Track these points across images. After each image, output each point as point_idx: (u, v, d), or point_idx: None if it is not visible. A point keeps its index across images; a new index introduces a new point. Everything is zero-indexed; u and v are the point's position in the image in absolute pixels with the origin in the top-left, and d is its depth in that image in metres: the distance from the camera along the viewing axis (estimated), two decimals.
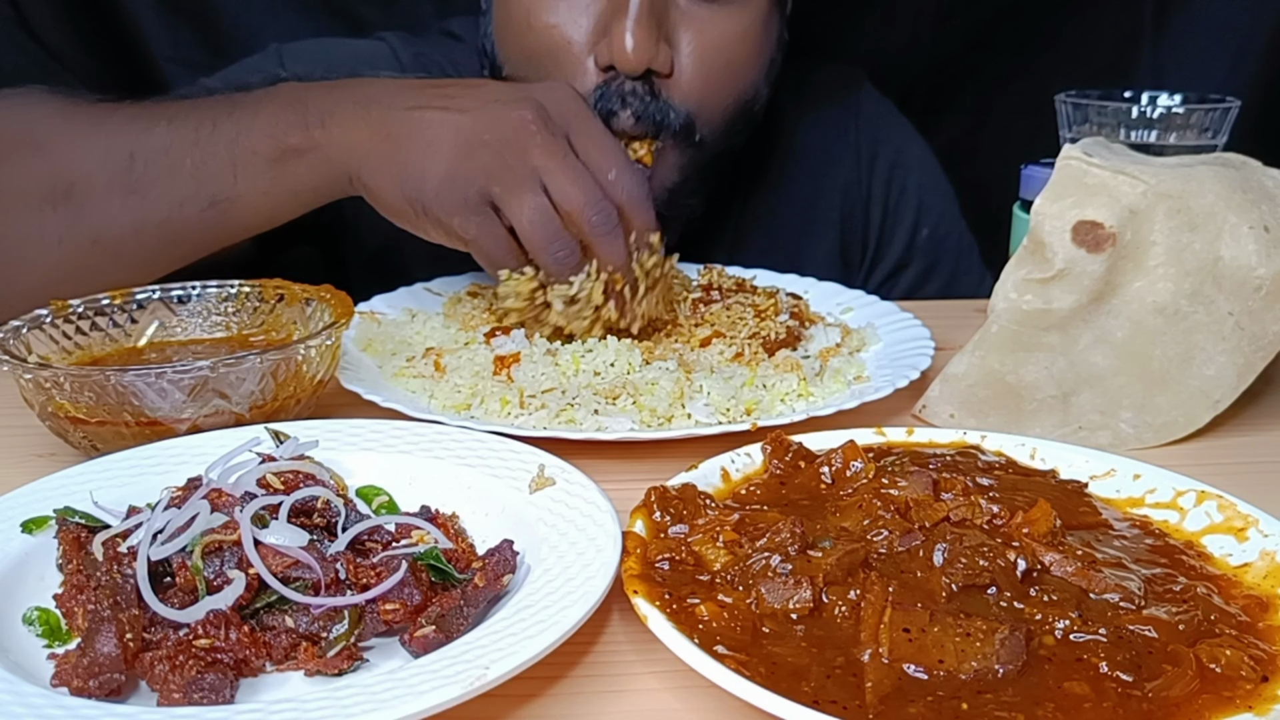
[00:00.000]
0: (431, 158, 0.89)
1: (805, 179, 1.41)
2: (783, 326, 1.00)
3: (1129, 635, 0.56)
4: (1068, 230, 0.84)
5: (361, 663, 0.57)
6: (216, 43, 1.49)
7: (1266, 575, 0.62)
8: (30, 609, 0.60)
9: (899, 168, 1.45)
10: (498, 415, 0.86)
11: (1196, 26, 1.60)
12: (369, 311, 1.08)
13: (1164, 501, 0.70)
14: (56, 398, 0.76)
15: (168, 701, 0.53)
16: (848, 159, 1.43)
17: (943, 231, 1.47)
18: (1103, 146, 0.91)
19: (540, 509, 0.67)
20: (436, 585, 0.61)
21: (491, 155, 0.89)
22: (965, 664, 0.53)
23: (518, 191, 0.88)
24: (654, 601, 0.57)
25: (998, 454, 0.77)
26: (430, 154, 0.89)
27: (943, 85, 1.68)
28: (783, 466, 0.74)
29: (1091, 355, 0.87)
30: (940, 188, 1.48)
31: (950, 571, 0.59)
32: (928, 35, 1.67)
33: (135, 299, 0.90)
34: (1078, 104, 1.08)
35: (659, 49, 1.07)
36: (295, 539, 0.60)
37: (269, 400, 0.80)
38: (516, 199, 0.88)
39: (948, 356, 0.92)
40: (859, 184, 1.43)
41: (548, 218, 0.89)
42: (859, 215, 1.43)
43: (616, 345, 0.94)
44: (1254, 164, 0.91)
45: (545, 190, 0.89)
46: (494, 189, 0.89)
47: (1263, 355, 0.86)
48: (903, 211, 1.45)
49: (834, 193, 1.42)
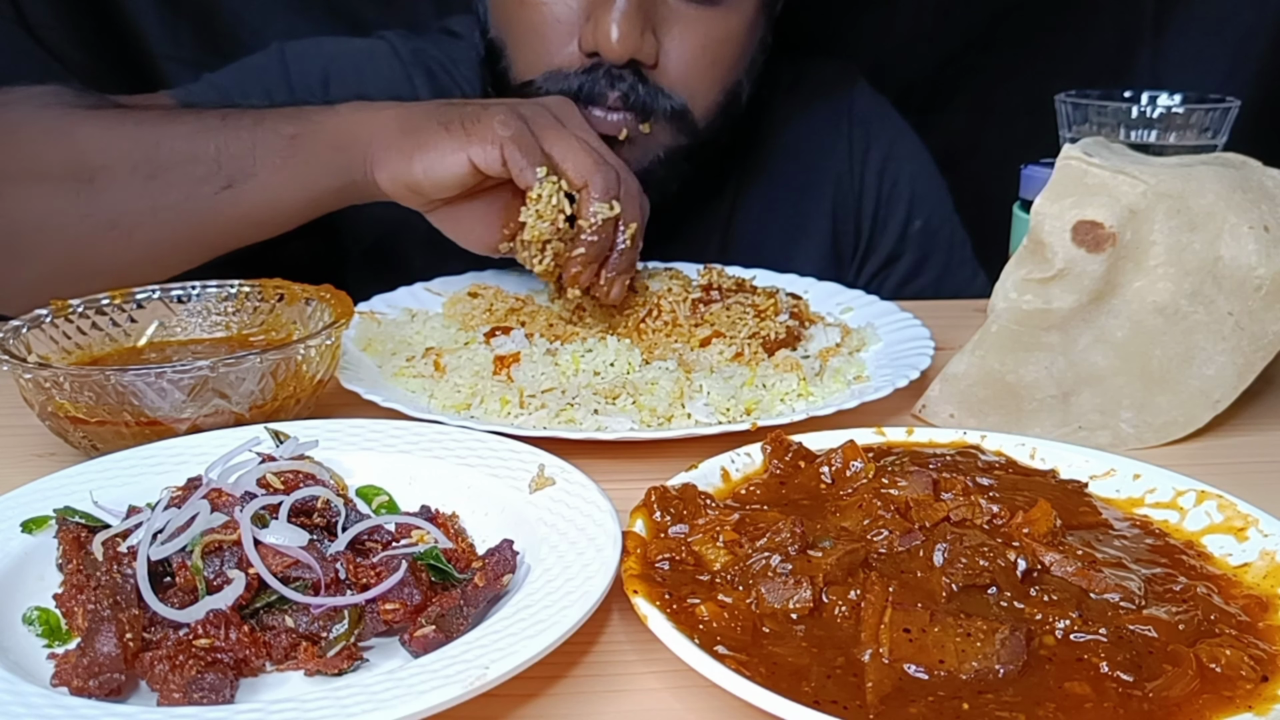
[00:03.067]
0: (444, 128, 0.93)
1: (798, 171, 1.43)
2: (782, 326, 1.00)
3: (1129, 635, 0.56)
4: (1068, 230, 0.84)
5: (361, 662, 0.57)
6: (216, 42, 1.49)
7: (1266, 575, 0.62)
8: (30, 609, 0.60)
9: (892, 160, 1.47)
10: (498, 415, 0.86)
11: (1196, 26, 1.60)
12: (369, 311, 1.08)
13: (1164, 501, 0.70)
14: (56, 397, 0.76)
15: (168, 701, 0.53)
16: (840, 151, 1.45)
17: (935, 224, 1.49)
18: (1103, 146, 0.91)
19: (540, 509, 0.67)
20: (436, 585, 0.61)
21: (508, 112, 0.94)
22: (966, 664, 0.53)
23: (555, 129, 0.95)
24: (654, 601, 0.57)
25: (998, 454, 0.77)
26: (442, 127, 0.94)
27: (942, 84, 1.68)
28: (783, 466, 0.74)
29: (1091, 355, 0.87)
30: (933, 181, 1.50)
31: (950, 571, 0.59)
32: (927, 34, 1.67)
33: (135, 299, 0.90)
34: (1078, 104, 1.08)
35: (644, 40, 1.09)
36: (295, 539, 0.60)
37: (269, 400, 0.79)
38: (555, 131, 0.95)
39: (948, 356, 0.92)
40: (851, 176, 1.45)
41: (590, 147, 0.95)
42: (851, 207, 1.46)
43: (616, 345, 0.94)
44: (1254, 164, 0.91)
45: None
46: (523, 110, 0.95)
47: (1263, 355, 0.86)
48: (895, 203, 1.47)
49: (826, 184, 1.44)
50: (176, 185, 0.98)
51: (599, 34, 1.08)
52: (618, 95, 1.11)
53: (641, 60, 1.10)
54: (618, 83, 1.10)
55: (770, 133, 1.40)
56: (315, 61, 1.30)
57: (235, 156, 0.96)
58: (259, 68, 1.28)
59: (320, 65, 1.29)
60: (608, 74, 1.10)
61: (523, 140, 0.92)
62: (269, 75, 1.27)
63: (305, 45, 1.31)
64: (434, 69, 1.34)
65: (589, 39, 1.09)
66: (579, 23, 1.10)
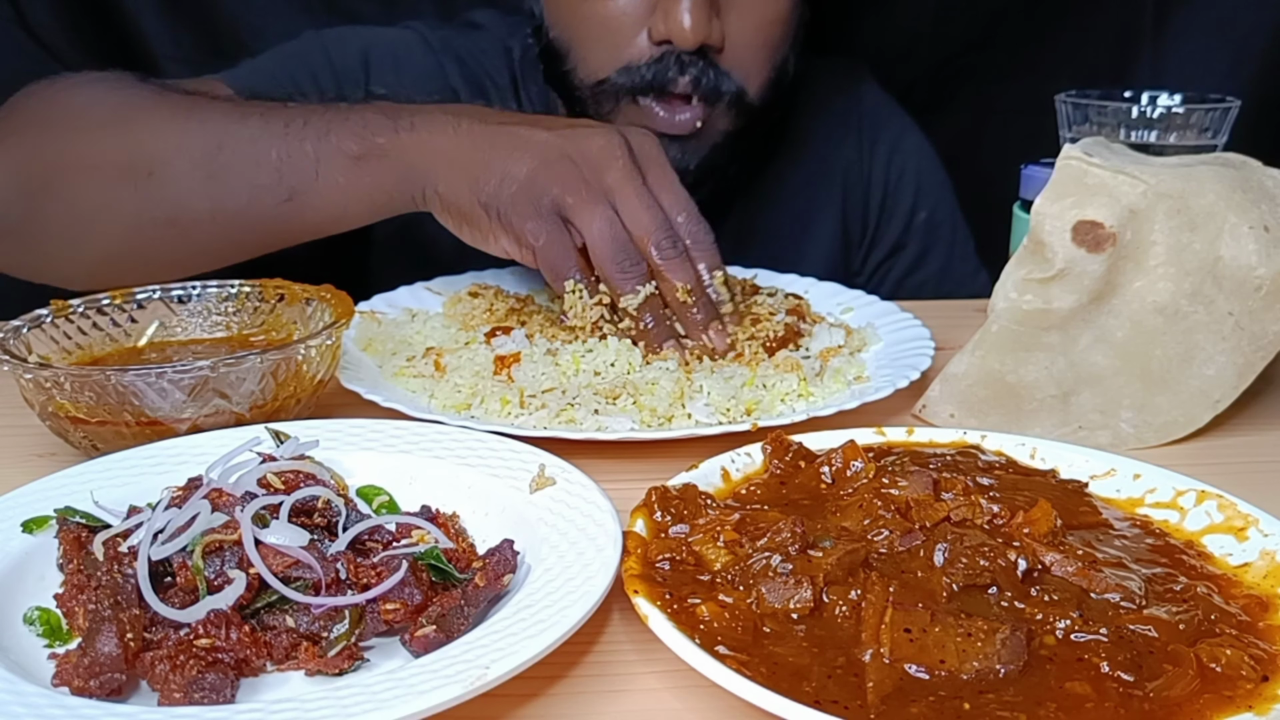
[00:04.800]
0: (513, 163, 0.92)
1: (810, 158, 1.46)
2: (782, 326, 1.00)
3: (1130, 635, 0.56)
4: (1068, 230, 0.84)
5: (362, 662, 0.57)
6: (216, 42, 1.49)
7: (1266, 575, 0.62)
8: (31, 609, 0.60)
9: (898, 153, 1.50)
10: (498, 415, 0.86)
11: (1196, 26, 1.61)
12: (369, 311, 1.08)
13: (1164, 501, 0.70)
14: (57, 397, 0.76)
15: (168, 701, 0.53)
16: (850, 141, 1.48)
17: (939, 218, 1.52)
18: (1103, 146, 0.91)
19: (540, 509, 0.67)
20: (437, 585, 0.61)
21: (570, 169, 0.91)
22: (966, 664, 0.53)
23: (590, 205, 0.91)
24: (654, 601, 0.57)
25: (998, 454, 0.77)
26: (512, 160, 0.92)
27: (943, 84, 1.69)
28: (783, 466, 0.74)
29: (1091, 355, 0.87)
30: (937, 176, 1.52)
31: (951, 571, 0.59)
32: (928, 34, 1.68)
33: (135, 298, 0.90)
34: (1078, 104, 1.08)
35: (713, 25, 1.12)
36: (296, 539, 0.60)
37: (269, 400, 0.79)
38: (588, 211, 0.91)
39: (948, 356, 0.92)
40: (860, 165, 1.48)
41: (616, 230, 0.91)
42: (859, 195, 1.49)
43: (616, 345, 0.94)
44: (1254, 164, 0.91)
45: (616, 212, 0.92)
46: (568, 199, 0.91)
47: (1263, 355, 0.86)
48: (901, 195, 1.50)
49: (837, 172, 1.48)
50: (238, 190, 0.97)
51: (670, 22, 1.10)
52: (688, 80, 1.13)
53: (711, 44, 1.13)
54: (688, 68, 1.13)
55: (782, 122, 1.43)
56: (355, 45, 1.31)
57: (298, 169, 0.96)
58: (299, 54, 1.29)
59: (360, 49, 1.31)
60: (678, 60, 1.12)
61: (551, 251, 0.92)
62: (312, 61, 1.27)
63: (342, 31, 1.33)
64: (464, 57, 1.36)
65: (660, 28, 1.11)
66: (644, 14, 1.13)
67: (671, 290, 0.93)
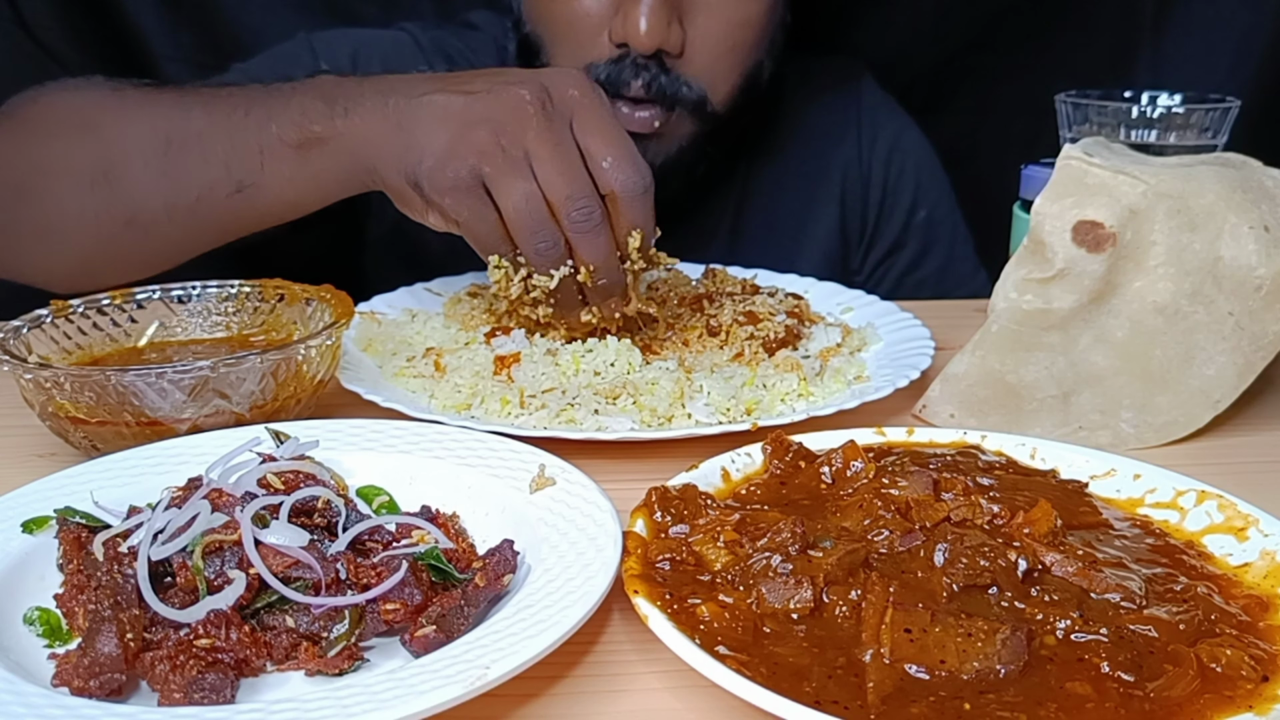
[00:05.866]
0: (431, 137, 0.88)
1: (809, 156, 1.46)
2: (781, 326, 1.00)
3: (1130, 635, 0.56)
4: (1068, 230, 0.84)
5: (362, 662, 0.57)
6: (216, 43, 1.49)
7: (1267, 575, 0.62)
8: (31, 609, 0.60)
9: (898, 151, 1.49)
10: (498, 415, 0.86)
11: (1196, 26, 1.60)
12: (369, 311, 1.08)
13: (1164, 501, 0.70)
14: (57, 398, 0.76)
15: (168, 701, 0.53)
16: (849, 139, 1.48)
17: (938, 217, 1.51)
18: (1103, 146, 0.91)
19: (540, 509, 0.67)
20: (437, 585, 0.61)
21: (487, 134, 0.86)
22: (967, 664, 0.53)
23: (508, 174, 0.86)
24: (655, 601, 0.57)
25: (998, 454, 0.77)
26: (431, 133, 0.88)
27: (942, 84, 1.69)
28: (783, 466, 0.74)
29: (1092, 355, 0.87)
30: (936, 175, 1.52)
31: (951, 571, 0.59)
32: (927, 34, 1.68)
33: (135, 299, 0.90)
34: (1078, 104, 1.08)
35: (670, 31, 1.12)
36: (296, 539, 0.60)
37: (269, 400, 0.79)
38: (506, 182, 0.86)
39: (948, 356, 0.92)
40: (859, 163, 1.48)
41: (534, 205, 0.86)
42: (859, 193, 1.49)
43: (616, 345, 0.94)
44: (1254, 164, 0.91)
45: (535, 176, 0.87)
46: (485, 169, 0.86)
47: (1263, 355, 0.86)
48: (900, 193, 1.50)
49: (835, 170, 1.47)
50: (188, 187, 0.97)
51: (628, 25, 1.11)
52: (641, 84, 1.13)
53: (668, 50, 1.13)
54: (642, 72, 1.13)
55: (781, 119, 1.43)
56: (343, 47, 1.32)
57: (243, 161, 0.95)
58: (289, 55, 1.29)
59: (348, 52, 1.31)
60: (633, 64, 1.13)
61: (474, 227, 0.88)
62: (300, 63, 1.27)
63: (331, 34, 1.34)
64: (454, 55, 1.36)
65: (618, 30, 1.12)
66: (608, 15, 1.13)
67: (581, 263, 0.88)
